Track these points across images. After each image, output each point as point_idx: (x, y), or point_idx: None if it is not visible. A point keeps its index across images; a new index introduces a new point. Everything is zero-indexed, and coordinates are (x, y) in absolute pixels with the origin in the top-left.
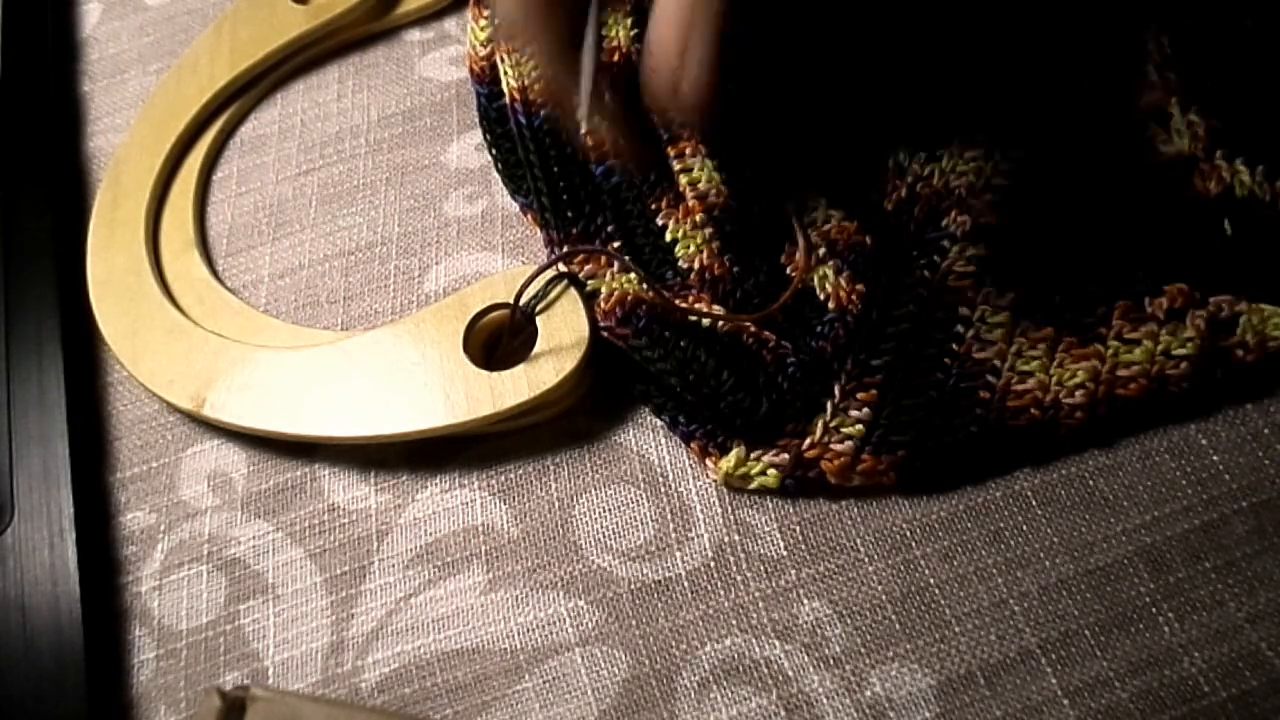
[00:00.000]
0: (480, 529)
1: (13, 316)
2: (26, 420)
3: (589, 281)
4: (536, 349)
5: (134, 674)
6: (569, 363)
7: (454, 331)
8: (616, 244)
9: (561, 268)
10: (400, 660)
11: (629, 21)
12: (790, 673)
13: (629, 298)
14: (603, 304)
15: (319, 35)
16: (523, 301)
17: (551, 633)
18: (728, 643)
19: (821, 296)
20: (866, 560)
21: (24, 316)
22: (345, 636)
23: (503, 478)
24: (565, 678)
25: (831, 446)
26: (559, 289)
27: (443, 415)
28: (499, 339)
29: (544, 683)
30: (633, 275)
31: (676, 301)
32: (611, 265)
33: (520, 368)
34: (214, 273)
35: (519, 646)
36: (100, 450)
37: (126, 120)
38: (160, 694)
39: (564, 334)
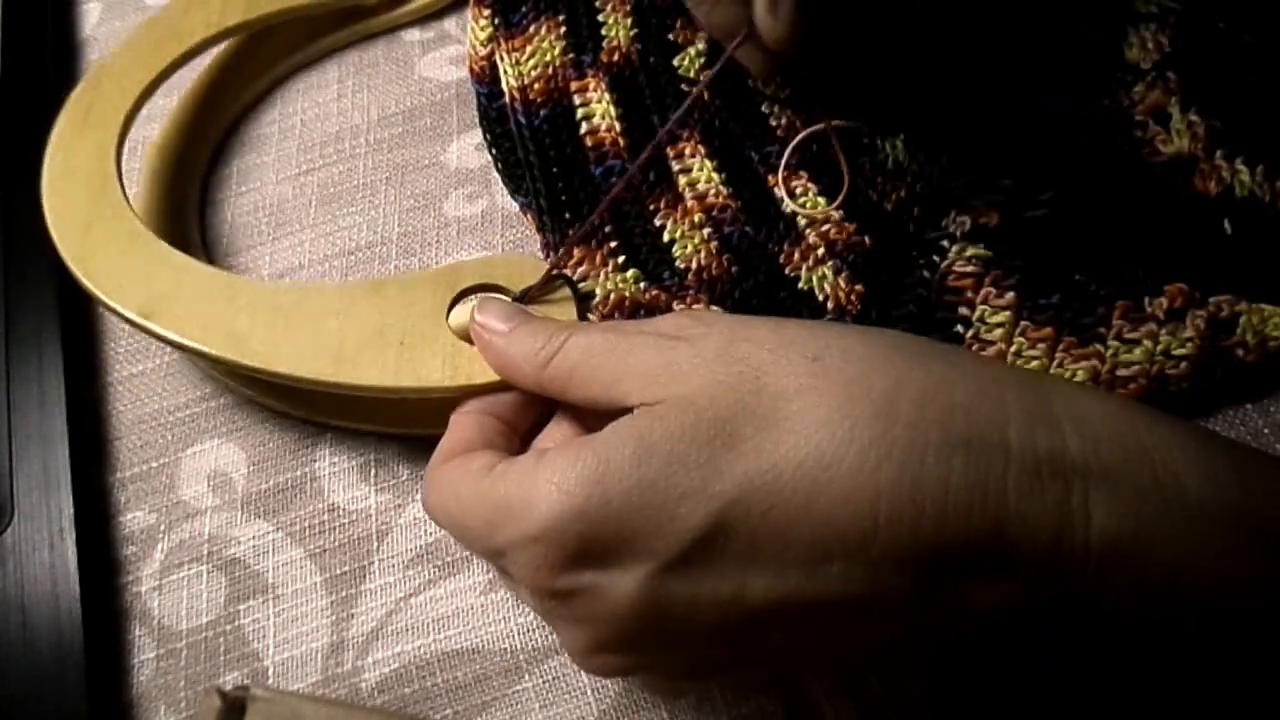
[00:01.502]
0: None
1: (13, 316)
2: (26, 420)
3: (583, 283)
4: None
5: (134, 674)
6: None
7: (441, 298)
8: (613, 244)
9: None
10: (400, 660)
11: (629, 22)
12: None
13: (625, 300)
14: (600, 307)
15: (335, 8)
16: (517, 292)
17: (552, 632)
18: None
19: (821, 297)
20: None
21: (24, 316)
22: (345, 636)
23: None
24: (565, 678)
25: None
26: (553, 286)
27: (412, 376)
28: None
29: (544, 682)
30: (629, 274)
31: (675, 305)
32: (607, 265)
33: None
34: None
35: (519, 646)
36: (100, 450)
37: None
38: (160, 694)
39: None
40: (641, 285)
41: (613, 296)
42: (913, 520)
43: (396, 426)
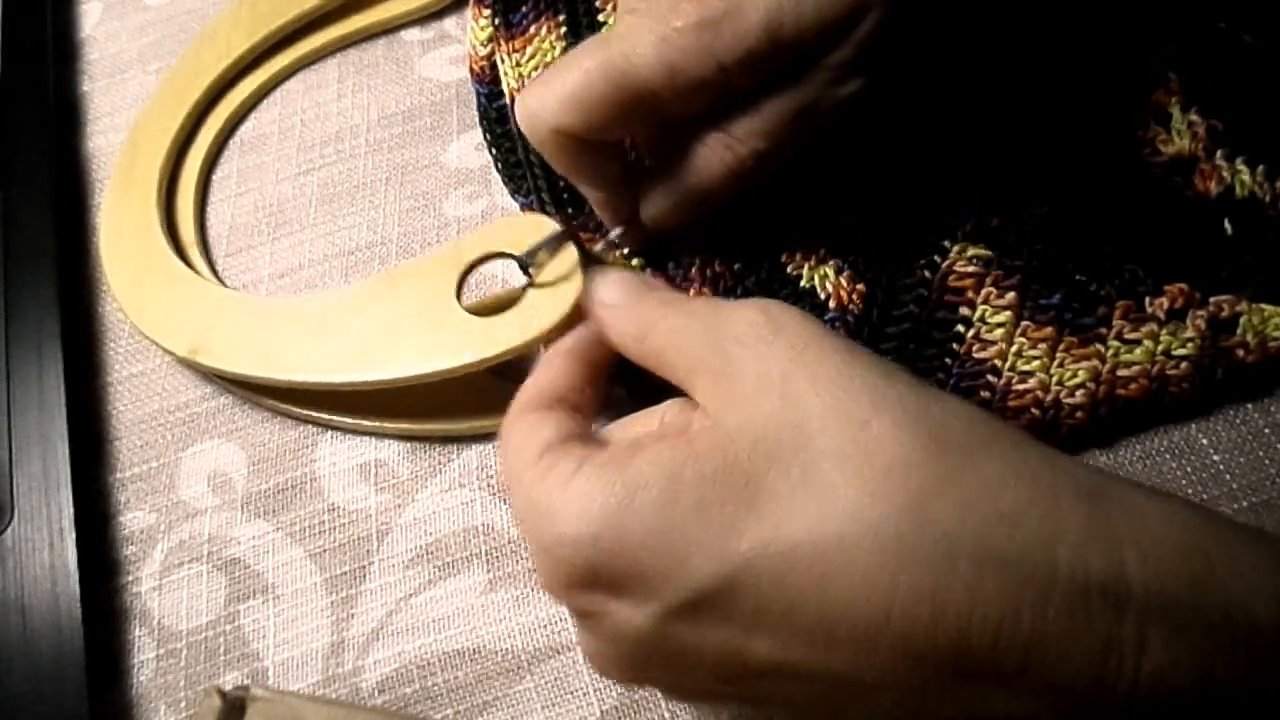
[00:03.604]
0: (480, 529)
1: (13, 316)
2: (26, 420)
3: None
4: (529, 297)
5: (134, 674)
6: (561, 308)
7: (449, 278)
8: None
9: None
10: (401, 660)
11: None
12: None
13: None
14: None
15: (335, 6)
16: (522, 253)
17: (553, 632)
18: None
19: (822, 296)
20: None
21: (24, 316)
22: (345, 636)
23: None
24: (567, 678)
25: None
26: (559, 245)
27: (435, 360)
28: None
29: (545, 682)
30: (634, 263)
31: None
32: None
33: (511, 313)
34: (215, 273)
35: (520, 646)
36: (100, 450)
37: (127, 120)
38: (160, 694)
39: (558, 283)
40: (647, 272)
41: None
42: (929, 625)
43: (399, 421)
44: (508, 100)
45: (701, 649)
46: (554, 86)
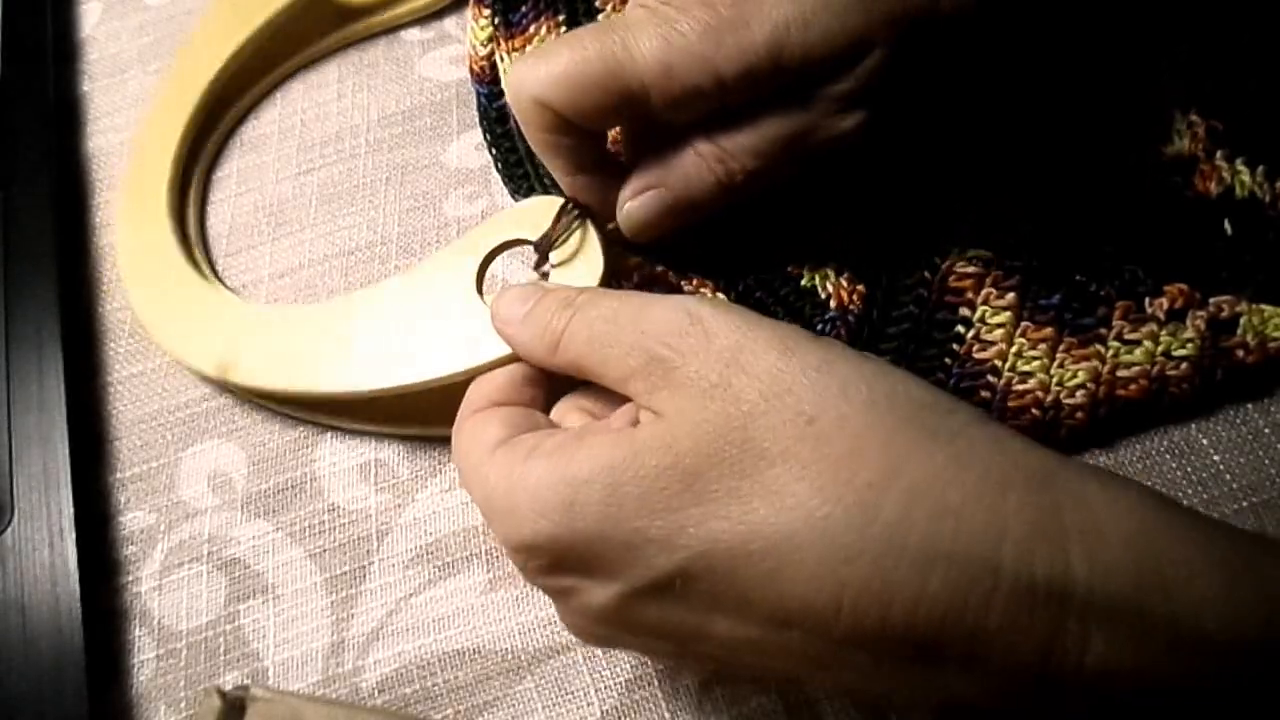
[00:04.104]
0: (480, 529)
1: (13, 316)
2: (26, 420)
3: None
4: (553, 280)
5: (134, 674)
6: (589, 284)
7: (468, 272)
8: None
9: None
10: (401, 660)
11: None
12: None
13: (633, 268)
14: (628, 260)
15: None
16: (539, 236)
17: (553, 632)
18: None
19: (823, 295)
20: None
21: (24, 316)
22: (345, 636)
23: None
24: (567, 678)
25: None
26: (577, 225)
27: (465, 358)
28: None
29: (545, 683)
30: (634, 259)
31: (682, 284)
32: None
33: None
34: (215, 273)
35: (520, 646)
36: (100, 450)
37: (127, 120)
38: (160, 694)
39: (580, 262)
40: (649, 259)
41: (633, 260)
42: (879, 616)
43: (400, 426)
44: (508, 100)
45: (664, 623)
46: (548, 59)
